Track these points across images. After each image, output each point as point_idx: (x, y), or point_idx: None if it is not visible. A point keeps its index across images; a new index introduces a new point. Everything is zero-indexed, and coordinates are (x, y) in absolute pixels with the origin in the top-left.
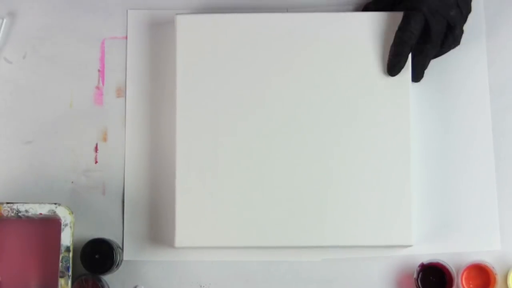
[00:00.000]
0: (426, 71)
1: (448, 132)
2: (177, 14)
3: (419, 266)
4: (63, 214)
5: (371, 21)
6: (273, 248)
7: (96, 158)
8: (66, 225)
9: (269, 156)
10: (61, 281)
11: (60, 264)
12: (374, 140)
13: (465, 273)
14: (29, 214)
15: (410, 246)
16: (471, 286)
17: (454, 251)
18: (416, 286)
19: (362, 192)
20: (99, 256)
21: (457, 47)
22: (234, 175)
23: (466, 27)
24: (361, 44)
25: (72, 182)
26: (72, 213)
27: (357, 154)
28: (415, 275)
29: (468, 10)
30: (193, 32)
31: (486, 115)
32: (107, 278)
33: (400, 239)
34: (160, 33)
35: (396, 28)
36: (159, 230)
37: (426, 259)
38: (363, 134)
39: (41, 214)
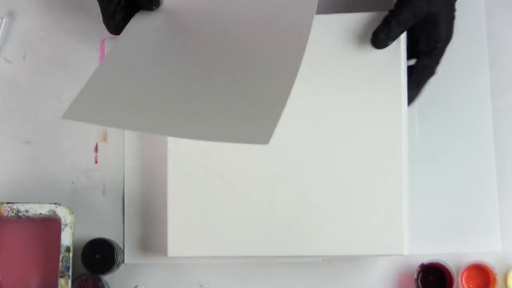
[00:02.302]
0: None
1: (448, 132)
2: None
3: (419, 267)
4: (63, 214)
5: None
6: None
7: (96, 158)
8: (66, 225)
9: (260, 164)
10: (61, 281)
11: (60, 264)
12: (365, 149)
13: (465, 273)
14: (29, 214)
15: (403, 255)
16: (471, 286)
17: (454, 252)
18: (416, 286)
19: (353, 202)
20: (99, 256)
21: (459, 47)
22: (226, 184)
23: (466, 27)
24: (349, 47)
25: (72, 182)
26: (72, 213)
27: (348, 164)
28: (415, 276)
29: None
30: None
31: (487, 115)
32: (107, 278)
33: (392, 248)
34: None
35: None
36: (159, 231)
37: (426, 259)
38: (354, 142)
39: (41, 214)
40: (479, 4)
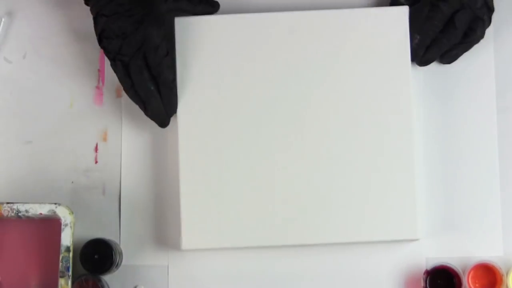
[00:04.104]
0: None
1: (452, 133)
2: (176, 17)
3: (424, 274)
4: (63, 214)
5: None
6: (278, 248)
7: (96, 158)
8: (66, 225)
9: (272, 154)
10: (61, 281)
11: (60, 264)
12: (377, 137)
13: (471, 273)
14: (29, 214)
15: (416, 240)
16: (477, 285)
17: (454, 255)
18: None
19: (365, 188)
20: (98, 256)
21: None
22: (238, 175)
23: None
24: (359, 43)
25: (72, 182)
26: (72, 213)
27: (360, 152)
28: (422, 284)
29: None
30: (193, 35)
31: (491, 115)
32: (107, 278)
33: (406, 233)
34: None
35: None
36: (158, 231)
37: (429, 264)
38: (366, 130)
39: (41, 214)
40: None
